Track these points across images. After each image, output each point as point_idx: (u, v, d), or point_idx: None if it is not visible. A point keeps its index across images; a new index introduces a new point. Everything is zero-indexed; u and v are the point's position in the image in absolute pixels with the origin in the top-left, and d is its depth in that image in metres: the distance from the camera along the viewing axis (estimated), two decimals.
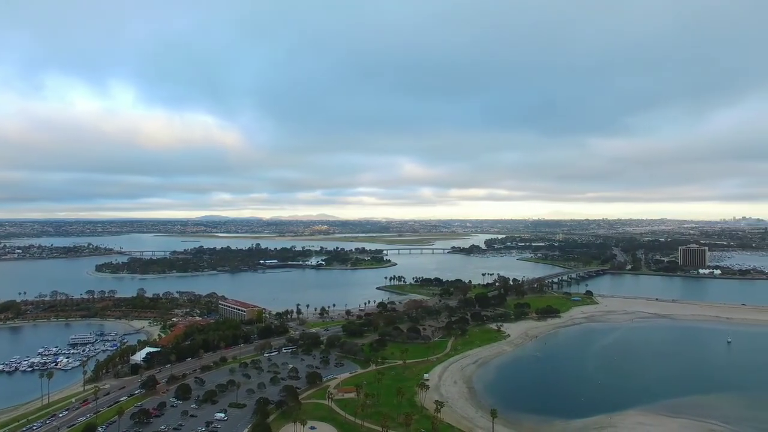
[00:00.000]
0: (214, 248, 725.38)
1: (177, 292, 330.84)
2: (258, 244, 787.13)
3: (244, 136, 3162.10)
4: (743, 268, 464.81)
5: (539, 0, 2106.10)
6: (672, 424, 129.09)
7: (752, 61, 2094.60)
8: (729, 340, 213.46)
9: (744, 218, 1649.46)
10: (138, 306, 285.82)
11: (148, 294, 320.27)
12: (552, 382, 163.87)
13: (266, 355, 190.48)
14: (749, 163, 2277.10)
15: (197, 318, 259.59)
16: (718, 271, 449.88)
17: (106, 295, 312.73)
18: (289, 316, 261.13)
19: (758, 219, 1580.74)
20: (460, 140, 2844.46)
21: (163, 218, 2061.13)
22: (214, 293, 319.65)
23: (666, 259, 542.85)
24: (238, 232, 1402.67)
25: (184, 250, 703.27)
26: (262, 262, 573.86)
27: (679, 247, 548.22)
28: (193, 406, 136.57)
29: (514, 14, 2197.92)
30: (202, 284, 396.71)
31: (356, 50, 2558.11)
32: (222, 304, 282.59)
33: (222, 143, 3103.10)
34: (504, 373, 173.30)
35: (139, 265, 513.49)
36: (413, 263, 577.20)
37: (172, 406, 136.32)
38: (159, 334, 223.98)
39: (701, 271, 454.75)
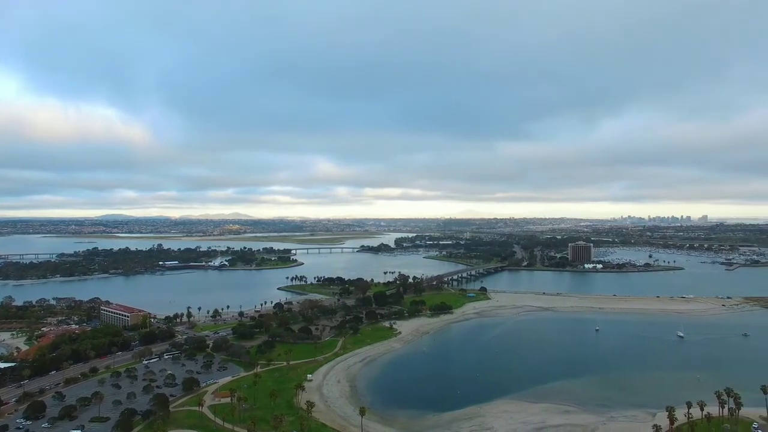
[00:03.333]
0: (111, 249, 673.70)
1: (54, 298, 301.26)
2: (160, 245, 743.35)
3: (150, 131, 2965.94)
4: (620, 263, 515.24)
5: (443, 7, 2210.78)
6: (534, 409, 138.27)
7: (627, 77, 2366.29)
8: (597, 328, 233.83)
9: (630, 217, 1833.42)
10: (2, 316, 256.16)
11: (19, 302, 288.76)
12: (433, 377, 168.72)
13: (145, 362, 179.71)
14: (633, 168, 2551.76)
15: (73, 326, 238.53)
16: (600, 266, 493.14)
17: None
18: (178, 320, 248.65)
19: (640, 218, 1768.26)
20: (373, 140, 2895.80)
21: (55, 218, 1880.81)
22: (97, 298, 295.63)
23: (558, 255, 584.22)
24: (141, 233, 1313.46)
25: (75, 252, 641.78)
26: (161, 263, 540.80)
27: (569, 244, 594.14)
28: (45, 425, 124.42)
29: (419, 19, 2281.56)
30: (90, 289, 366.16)
31: (269, 49, 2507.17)
32: (104, 310, 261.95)
33: (126, 138, 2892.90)
34: (389, 370, 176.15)
35: (14, 270, 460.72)
36: (321, 263, 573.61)
37: (18, 428, 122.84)
38: (17, 348, 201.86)
39: (586, 265, 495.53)
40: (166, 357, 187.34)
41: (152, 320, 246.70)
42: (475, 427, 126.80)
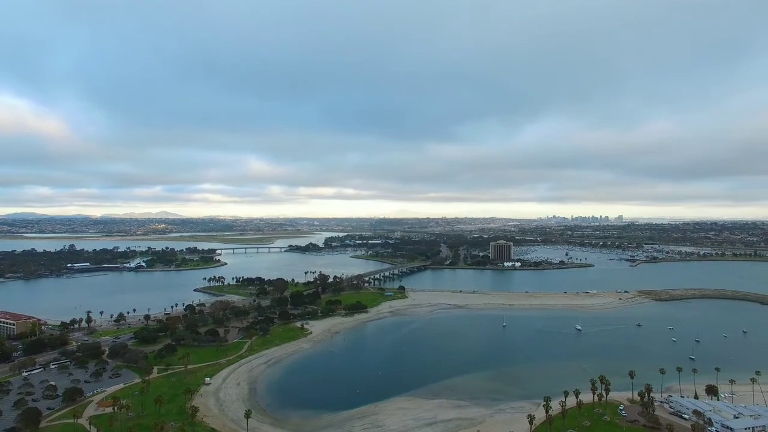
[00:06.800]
0: (13, 251, 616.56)
1: None
2: (72, 245, 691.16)
3: (68, 125, 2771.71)
4: (538, 260, 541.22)
5: (368, 11, 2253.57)
6: (429, 405, 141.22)
7: (542, 86, 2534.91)
8: (504, 324, 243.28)
9: (555, 217, 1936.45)
10: None
11: None
12: (337, 376, 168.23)
13: (24, 373, 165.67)
14: (554, 170, 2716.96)
15: None
16: (518, 264, 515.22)
17: None
18: (76, 326, 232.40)
19: (564, 218, 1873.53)
20: (304, 140, 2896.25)
21: None
22: None
23: (481, 254, 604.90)
24: (55, 232, 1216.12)
25: None
26: (69, 265, 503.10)
27: (491, 243, 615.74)
28: None
29: (345, 21, 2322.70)
30: None
31: (191, 44, 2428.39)
32: None
33: (40, 131, 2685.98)
34: (293, 372, 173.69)
35: None
36: (246, 263, 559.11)
37: None
38: None
39: (506, 263, 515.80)
40: (53, 366, 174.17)
41: (45, 327, 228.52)
42: (367, 425, 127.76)
